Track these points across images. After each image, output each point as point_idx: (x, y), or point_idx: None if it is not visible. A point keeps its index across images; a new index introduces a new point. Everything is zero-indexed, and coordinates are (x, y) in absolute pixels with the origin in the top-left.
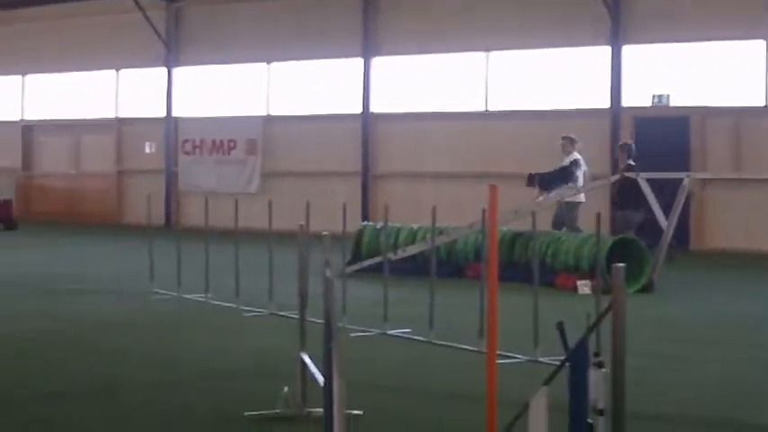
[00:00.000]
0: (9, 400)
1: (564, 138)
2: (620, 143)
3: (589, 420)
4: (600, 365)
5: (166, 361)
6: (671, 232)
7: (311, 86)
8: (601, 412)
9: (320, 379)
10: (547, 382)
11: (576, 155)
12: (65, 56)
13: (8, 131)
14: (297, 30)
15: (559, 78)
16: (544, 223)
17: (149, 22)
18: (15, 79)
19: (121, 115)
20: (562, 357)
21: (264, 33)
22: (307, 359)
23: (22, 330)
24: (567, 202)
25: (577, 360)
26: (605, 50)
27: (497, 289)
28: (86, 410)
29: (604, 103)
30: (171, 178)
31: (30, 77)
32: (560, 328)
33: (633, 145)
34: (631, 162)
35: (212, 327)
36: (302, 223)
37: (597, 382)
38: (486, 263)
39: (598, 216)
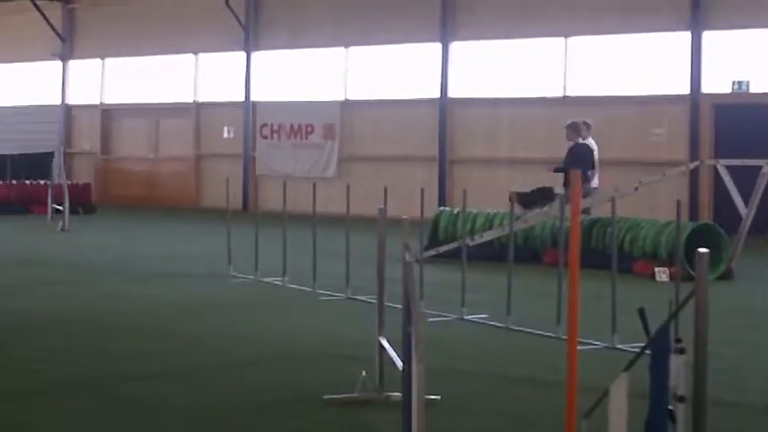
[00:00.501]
0: (91, 380)
1: (568, 125)
2: (570, 123)
3: (669, 407)
4: (681, 352)
5: (244, 343)
6: (749, 220)
7: (389, 71)
8: (681, 399)
9: (399, 363)
10: (627, 367)
11: (584, 140)
12: (144, 40)
13: (88, 115)
14: (375, 14)
15: (639, 64)
16: (622, 210)
17: (229, 7)
18: (95, 63)
19: (200, 99)
20: (640, 344)
21: (343, 18)
22: (385, 343)
23: (105, 313)
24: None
25: (659, 346)
26: (685, 36)
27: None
28: (166, 390)
29: (684, 89)
30: (249, 163)
31: (109, 61)
32: (642, 313)
33: (580, 123)
34: (580, 140)
35: (290, 310)
36: (381, 206)
37: (678, 369)
38: (565, 249)
39: (678, 203)
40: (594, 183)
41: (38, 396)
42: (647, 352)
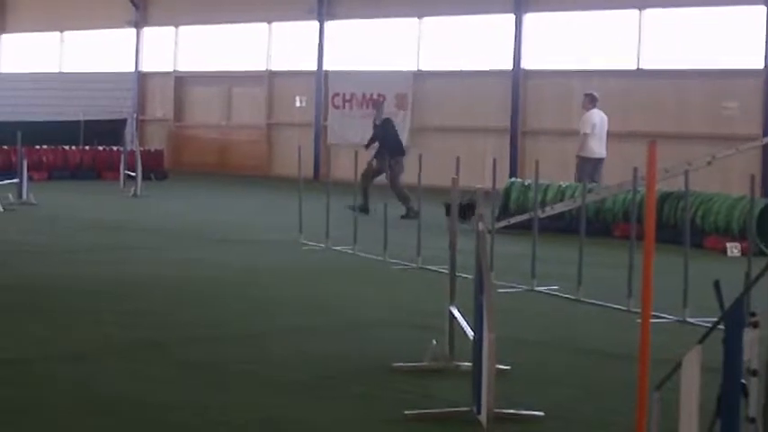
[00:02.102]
0: (164, 343)
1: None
2: (376, 101)
3: (742, 381)
4: (755, 325)
5: (315, 310)
6: None
7: (462, 42)
8: (754, 373)
9: (469, 333)
10: (701, 340)
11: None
12: (218, 8)
13: (161, 82)
14: None
15: (713, 37)
16: (695, 185)
17: None
18: (169, 30)
19: (273, 68)
20: (711, 318)
21: None
22: (456, 312)
23: (175, 279)
24: (578, 156)
25: (733, 319)
26: (760, 10)
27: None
28: (234, 355)
29: (758, 63)
30: (320, 132)
31: (183, 29)
32: (717, 286)
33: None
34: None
35: (360, 278)
36: (455, 177)
37: (752, 343)
38: (636, 222)
39: (752, 178)
40: (603, 152)
41: (105, 357)
42: (721, 325)
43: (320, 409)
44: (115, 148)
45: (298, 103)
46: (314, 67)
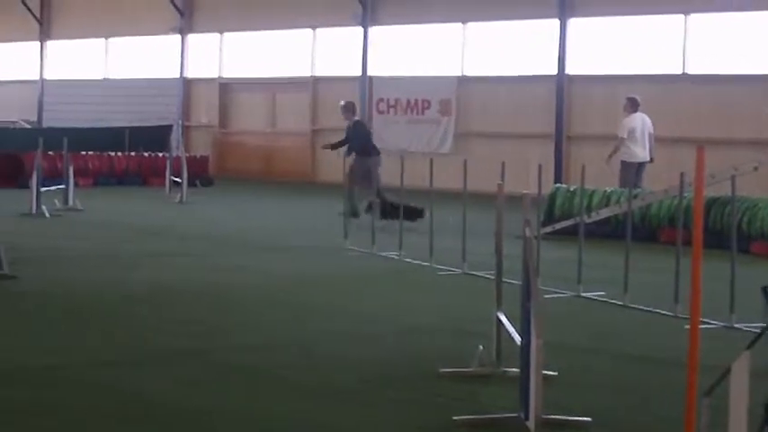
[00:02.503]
0: (210, 350)
1: (341, 106)
2: (343, 104)
3: None
4: None
5: (361, 316)
6: None
7: (506, 47)
8: None
9: (516, 338)
10: (749, 346)
11: (629, 116)
12: (262, 14)
13: (206, 89)
14: None
15: (758, 43)
16: (742, 189)
17: None
18: (213, 37)
19: (317, 74)
20: (758, 324)
21: None
22: (503, 318)
23: (220, 285)
24: (621, 162)
25: None
26: None
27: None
28: (278, 361)
29: None
30: None
31: (228, 35)
32: (765, 291)
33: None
34: (356, 118)
35: (406, 284)
36: (500, 182)
37: None
38: (683, 228)
39: None
40: (645, 156)
41: (148, 364)
42: None
43: (367, 415)
44: (161, 155)
45: None
46: (358, 73)
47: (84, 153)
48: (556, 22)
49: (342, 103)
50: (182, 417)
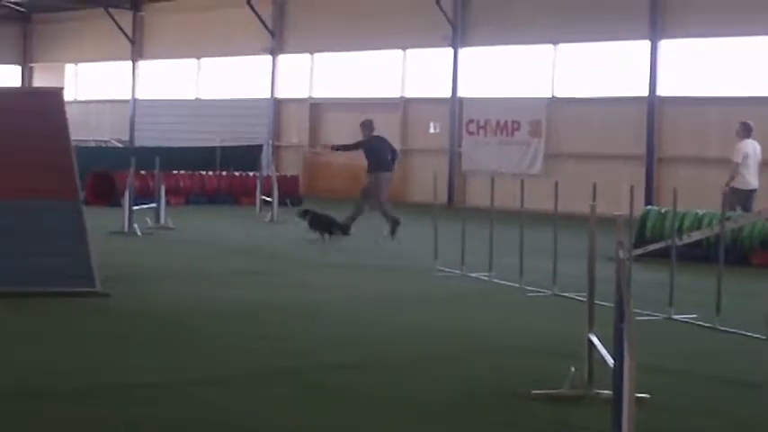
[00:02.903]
0: (298, 369)
1: (361, 123)
2: (362, 121)
3: None
4: None
5: (451, 337)
6: None
7: (597, 68)
8: None
9: (609, 360)
10: None
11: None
12: (353, 35)
13: (297, 109)
14: (583, 11)
15: None
16: None
17: (438, 4)
18: (304, 57)
19: (407, 95)
20: None
21: (551, 15)
22: (595, 340)
23: (311, 303)
24: (732, 188)
25: None
26: None
27: None
28: (368, 380)
29: None
30: (454, 158)
31: (318, 56)
32: None
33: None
34: (374, 134)
35: (496, 305)
36: (592, 203)
37: None
38: None
39: None
40: (755, 183)
41: (238, 382)
42: None
43: None
44: (251, 174)
45: (432, 130)
46: (448, 94)
47: (175, 172)
48: (647, 44)
49: (362, 120)
50: None
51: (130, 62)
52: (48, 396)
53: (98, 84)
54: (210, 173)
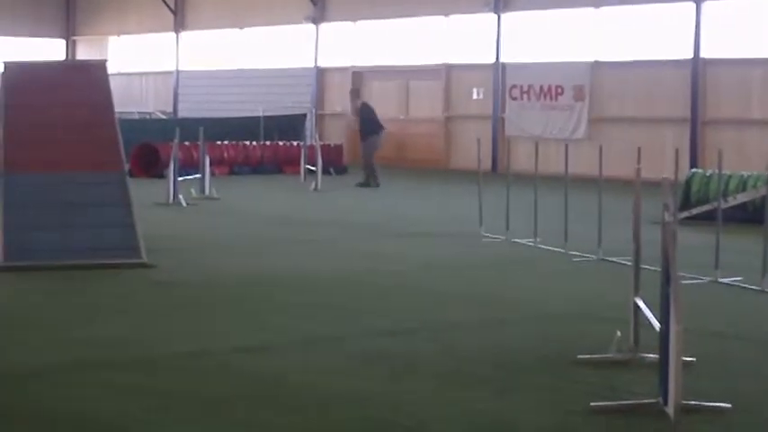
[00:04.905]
0: (346, 336)
1: (350, 91)
2: (350, 89)
3: None
4: None
5: (496, 303)
6: None
7: (640, 31)
8: None
9: (655, 324)
10: None
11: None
12: (395, 2)
13: (340, 77)
14: None
15: None
16: None
17: None
18: (346, 25)
19: (450, 61)
20: None
21: None
22: (641, 304)
23: (355, 271)
24: None
25: None
26: None
27: None
28: (418, 347)
29: None
30: (498, 124)
31: (360, 23)
32: None
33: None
34: (364, 101)
35: (541, 270)
36: (638, 166)
37: None
38: None
39: None
40: None
41: (286, 349)
42: None
43: (505, 401)
44: (295, 143)
45: (475, 96)
46: (491, 60)
47: (219, 143)
48: (691, 5)
49: (351, 89)
50: (329, 405)
51: (173, 33)
52: (106, 366)
53: (141, 56)
54: (254, 143)
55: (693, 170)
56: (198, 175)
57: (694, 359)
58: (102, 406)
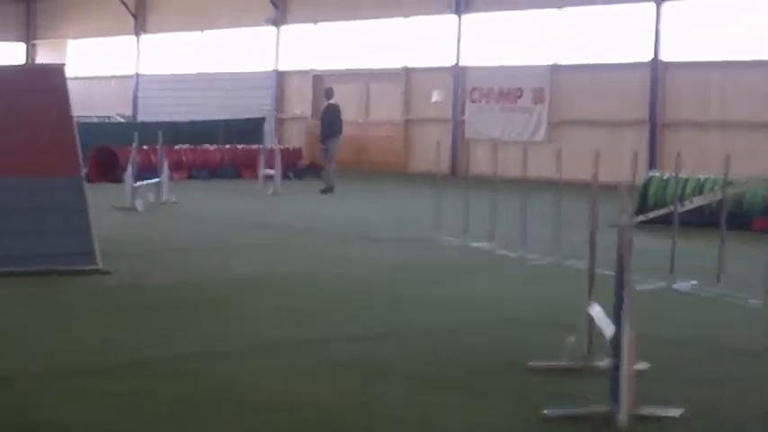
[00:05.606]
0: (309, 340)
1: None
2: (325, 88)
3: None
4: None
5: (453, 307)
6: None
7: (600, 34)
8: None
9: (608, 330)
10: None
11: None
12: (355, 4)
13: (300, 81)
14: None
15: None
16: None
17: None
18: (307, 28)
19: (410, 64)
20: None
21: None
22: (595, 309)
23: (318, 275)
24: None
25: None
26: None
27: None
28: (378, 351)
29: None
30: (457, 127)
31: (321, 26)
32: None
33: (332, 89)
34: (332, 101)
35: (498, 274)
36: (595, 171)
37: None
38: None
39: None
40: None
41: (250, 355)
42: None
43: (458, 406)
44: (254, 147)
45: (435, 98)
46: (451, 62)
47: (178, 147)
48: (650, 7)
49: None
50: (297, 409)
51: (134, 37)
52: (64, 373)
53: (101, 59)
54: (213, 147)
55: (651, 174)
56: (156, 180)
57: (648, 365)
58: (61, 410)
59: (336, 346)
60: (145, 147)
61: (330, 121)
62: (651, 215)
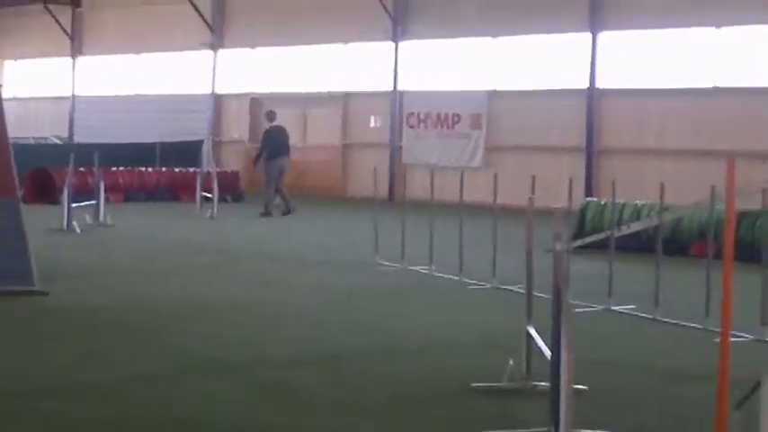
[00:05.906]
0: (237, 364)
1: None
2: (265, 111)
3: None
4: None
5: (390, 331)
6: None
7: (537, 61)
8: None
9: (547, 352)
10: None
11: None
12: (293, 29)
13: (237, 104)
14: (523, 4)
15: None
16: None
17: None
18: (245, 52)
19: (348, 89)
20: None
21: (491, 7)
22: (533, 332)
23: (251, 299)
24: None
25: None
26: None
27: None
28: (312, 376)
29: None
30: (395, 152)
31: (259, 50)
32: None
33: (274, 111)
34: (275, 124)
35: (436, 299)
36: (531, 196)
37: None
38: (713, 241)
39: None
40: None
41: (178, 378)
42: None
43: (398, 430)
44: (192, 170)
45: (372, 123)
46: (389, 88)
47: (114, 169)
48: (587, 36)
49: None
50: (225, 430)
51: (70, 58)
52: None
53: (37, 80)
54: (150, 169)
55: (588, 199)
56: (93, 202)
57: (586, 387)
58: None
59: (263, 370)
60: (81, 168)
61: (272, 143)
62: (588, 240)
